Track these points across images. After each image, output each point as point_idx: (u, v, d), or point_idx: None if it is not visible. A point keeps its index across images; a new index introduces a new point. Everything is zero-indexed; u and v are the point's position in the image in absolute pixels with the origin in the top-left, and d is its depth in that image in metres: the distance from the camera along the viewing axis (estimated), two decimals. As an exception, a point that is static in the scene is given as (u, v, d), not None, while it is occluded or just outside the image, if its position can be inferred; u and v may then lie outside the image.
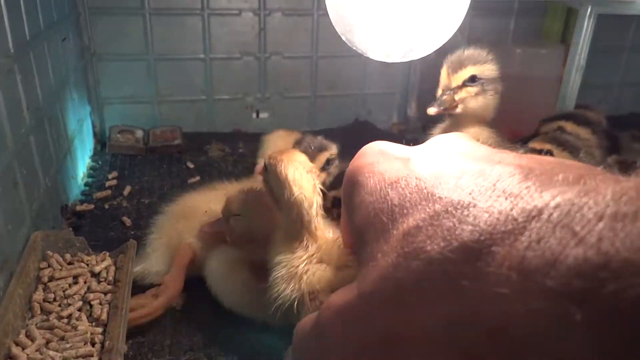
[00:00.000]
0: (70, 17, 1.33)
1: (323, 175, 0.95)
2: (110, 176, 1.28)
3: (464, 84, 0.84)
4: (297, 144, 0.99)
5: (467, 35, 1.78)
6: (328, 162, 0.96)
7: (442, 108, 0.83)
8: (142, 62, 1.47)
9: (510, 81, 1.05)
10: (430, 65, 1.79)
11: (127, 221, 1.10)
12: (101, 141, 1.48)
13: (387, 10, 0.59)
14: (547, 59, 1.45)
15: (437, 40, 0.64)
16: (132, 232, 1.06)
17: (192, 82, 1.53)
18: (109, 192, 1.20)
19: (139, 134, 1.48)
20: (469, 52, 0.85)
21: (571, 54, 0.98)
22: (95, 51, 1.44)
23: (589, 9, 0.94)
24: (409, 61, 1.49)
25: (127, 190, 1.22)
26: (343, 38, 0.64)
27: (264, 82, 1.58)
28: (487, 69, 0.86)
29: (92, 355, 0.70)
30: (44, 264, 0.85)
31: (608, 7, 0.94)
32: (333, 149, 0.99)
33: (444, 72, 0.85)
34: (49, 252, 0.87)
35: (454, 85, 0.85)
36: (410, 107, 1.66)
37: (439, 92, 0.86)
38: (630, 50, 1.71)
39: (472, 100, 0.84)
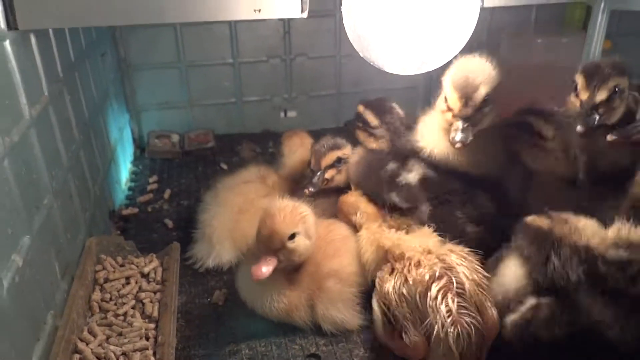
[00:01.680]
0: (107, 32, 1.42)
1: (332, 171, 1.03)
2: (151, 180, 1.38)
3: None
4: (315, 144, 1.08)
5: (488, 27, 1.78)
6: (339, 160, 1.03)
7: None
8: (174, 70, 1.56)
9: (532, 70, 1.06)
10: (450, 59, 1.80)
11: (170, 223, 1.18)
12: (140, 146, 1.58)
13: (400, 29, 0.63)
14: (568, 48, 1.45)
15: (447, 53, 0.68)
16: (174, 234, 1.15)
17: (222, 86, 1.61)
18: (150, 195, 1.30)
19: (175, 138, 1.57)
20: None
21: (586, 48, 0.99)
22: (131, 62, 1.52)
23: (602, 5, 0.95)
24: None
25: (167, 193, 1.30)
26: (361, 55, 0.69)
27: (290, 83, 1.64)
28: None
29: (147, 349, 0.78)
30: (99, 267, 0.95)
31: (621, 3, 0.95)
32: (345, 149, 1.05)
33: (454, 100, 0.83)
34: (102, 256, 0.97)
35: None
36: (433, 101, 1.69)
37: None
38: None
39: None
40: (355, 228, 0.93)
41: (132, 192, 1.33)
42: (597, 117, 0.77)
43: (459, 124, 0.79)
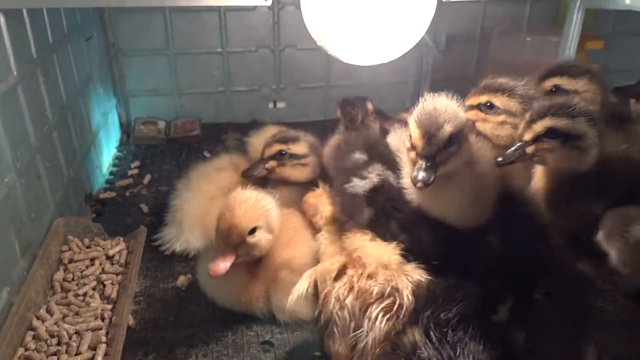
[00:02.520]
0: (94, 16, 1.42)
1: (273, 163, 1.03)
2: (132, 165, 1.39)
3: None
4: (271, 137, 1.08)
5: (481, 24, 1.77)
6: (280, 152, 1.03)
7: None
8: (163, 57, 1.56)
9: (522, 68, 1.04)
10: (442, 54, 1.79)
11: (145, 208, 1.19)
12: (127, 132, 1.59)
13: (355, 20, 0.63)
14: (558, 46, 1.45)
15: (403, 45, 0.67)
16: (149, 219, 1.15)
17: (211, 74, 1.61)
18: (130, 180, 1.31)
19: (161, 125, 1.58)
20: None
21: (561, 45, 0.99)
22: (120, 47, 1.53)
23: (578, 3, 0.95)
24: (421, 51, 1.48)
25: (147, 179, 1.31)
26: (318, 44, 0.69)
27: (279, 74, 1.64)
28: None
29: (100, 329, 0.79)
30: (65, 247, 0.96)
31: (595, 1, 0.94)
32: (295, 144, 1.05)
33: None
34: (69, 237, 0.98)
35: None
36: (423, 95, 1.69)
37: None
38: None
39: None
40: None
41: (114, 176, 1.34)
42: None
43: (422, 163, 0.74)
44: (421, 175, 0.72)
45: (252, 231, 0.78)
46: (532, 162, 0.83)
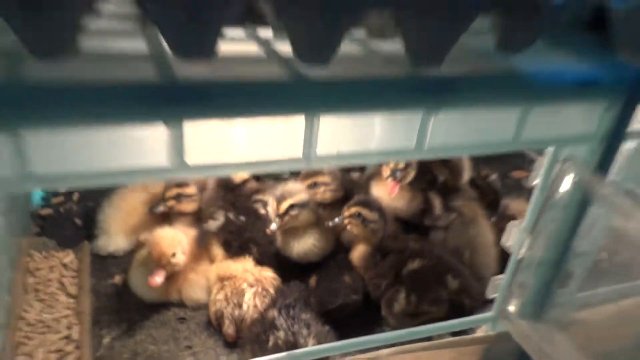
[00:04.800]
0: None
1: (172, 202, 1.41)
2: (61, 183, 1.69)
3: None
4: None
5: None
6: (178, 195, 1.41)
7: None
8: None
9: None
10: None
11: (78, 222, 1.55)
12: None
13: None
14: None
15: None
16: (83, 231, 1.51)
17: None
18: (62, 197, 1.64)
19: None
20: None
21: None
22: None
23: None
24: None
25: (76, 195, 1.65)
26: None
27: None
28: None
29: (70, 316, 1.18)
30: (29, 259, 1.33)
31: None
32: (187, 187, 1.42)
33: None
34: (32, 251, 1.35)
35: None
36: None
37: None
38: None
39: None
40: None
41: (47, 194, 1.66)
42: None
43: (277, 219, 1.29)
44: (274, 225, 1.27)
45: (174, 255, 1.22)
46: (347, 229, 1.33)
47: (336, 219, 1.30)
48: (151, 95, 0.55)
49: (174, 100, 0.55)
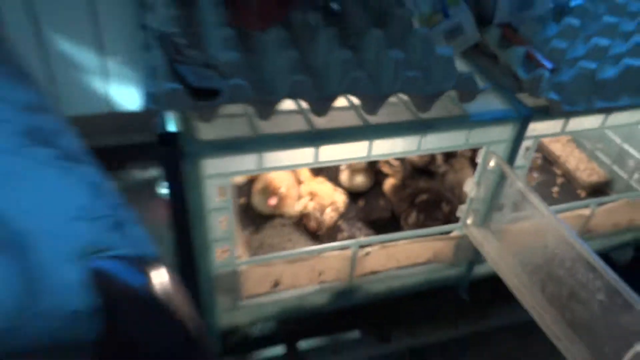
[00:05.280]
0: None
1: None
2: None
3: None
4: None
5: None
6: None
7: None
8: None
9: None
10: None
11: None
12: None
13: None
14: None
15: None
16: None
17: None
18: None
19: None
20: None
21: None
22: None
23: None
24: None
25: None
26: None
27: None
28: None
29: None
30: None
31: None
32: None
33: None
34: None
35: None
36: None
37: None
38: None
39: None
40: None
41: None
42: None
43: None
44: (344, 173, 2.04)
45: (281, 188, 1.85)
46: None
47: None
48: (304, 135, 1.33)
49: (315, 137, 1.33)
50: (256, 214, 1.81)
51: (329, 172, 1.96)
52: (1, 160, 0.65)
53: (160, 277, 0.63)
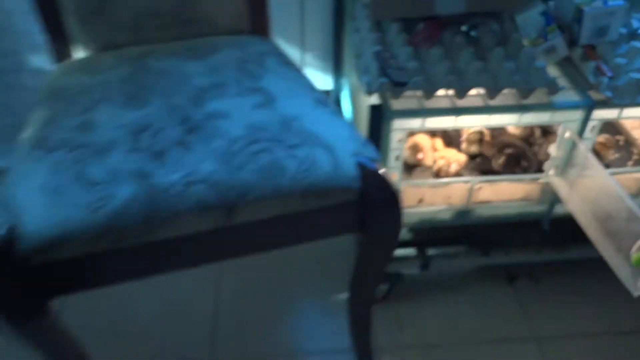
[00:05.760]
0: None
1: None
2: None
3: None
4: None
5: None
6: None
7: None
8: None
9: None
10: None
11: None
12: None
13: None
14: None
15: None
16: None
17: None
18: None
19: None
20: None
21: None
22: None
23: None
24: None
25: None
26: None
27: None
28: None
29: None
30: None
31: None
32: None
33: None
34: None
35: None
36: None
37: None
38: None
39: None
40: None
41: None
42: None
43: None
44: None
45: (423, 150, 2.22)
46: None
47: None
48: (450, 110, 2.27)
49: (455, 111, 2.26)
50: (405, 164, 2.20)
51: (455, 144, 2.64)
52: (307, 112, 1.26)
53: (383, 168, 1.20)
